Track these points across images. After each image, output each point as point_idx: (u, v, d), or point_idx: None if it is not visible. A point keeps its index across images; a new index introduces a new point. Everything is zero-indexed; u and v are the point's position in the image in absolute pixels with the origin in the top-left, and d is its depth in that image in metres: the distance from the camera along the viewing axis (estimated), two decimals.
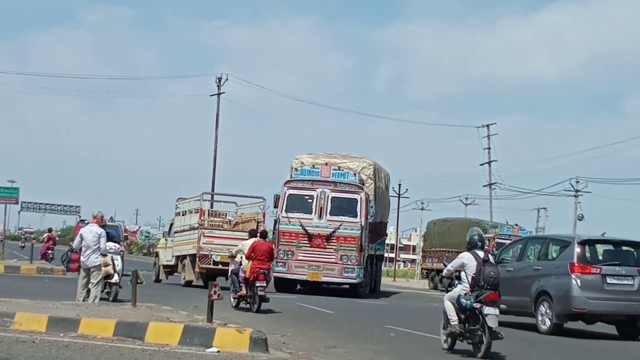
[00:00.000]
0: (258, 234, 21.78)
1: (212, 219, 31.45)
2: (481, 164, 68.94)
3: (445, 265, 14.82)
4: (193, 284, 30.55)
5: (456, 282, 14.42)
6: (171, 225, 34.23)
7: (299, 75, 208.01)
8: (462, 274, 14.18)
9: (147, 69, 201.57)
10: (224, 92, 59.90)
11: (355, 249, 28.65)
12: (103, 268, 18.39)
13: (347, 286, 29.85)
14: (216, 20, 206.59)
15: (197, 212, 30.75)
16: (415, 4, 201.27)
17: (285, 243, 28.84)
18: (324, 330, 17.05)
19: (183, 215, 32.37)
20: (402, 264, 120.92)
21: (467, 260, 14.15)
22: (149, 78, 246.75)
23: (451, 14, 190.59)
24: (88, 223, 19.92)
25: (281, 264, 28.63)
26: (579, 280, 18.73)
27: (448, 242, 48.33)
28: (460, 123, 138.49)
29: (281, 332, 15.48)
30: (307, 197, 29.06)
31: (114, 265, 19.81)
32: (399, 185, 77.44)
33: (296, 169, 30.15)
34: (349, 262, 28.60)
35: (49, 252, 41.53)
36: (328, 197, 28.83)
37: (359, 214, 28.76)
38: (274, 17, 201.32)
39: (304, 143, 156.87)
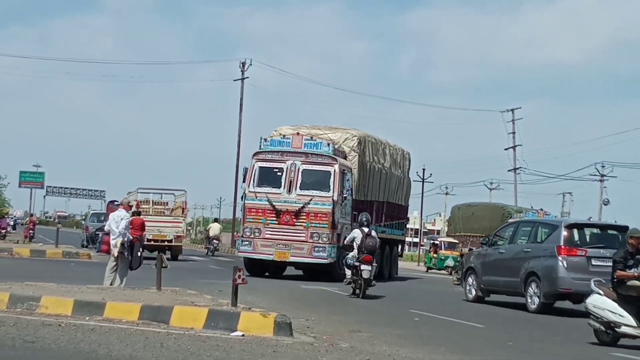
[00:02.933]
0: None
1: (156, 206, 38.96)
2: (506, 149, 68.60)
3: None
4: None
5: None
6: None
7: (323, 60, 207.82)
8: (354, 243, 21.41)
9: (171, 54, 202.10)
10: (247, 77, 60.01)
11: (326, 225, 26.06)
12: (113, 249, 18.48)
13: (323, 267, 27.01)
14: (239, 5, 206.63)
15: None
16: None
17: (251, 220, 26.57)
18: (347, 315, 17.07)
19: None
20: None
21: (357, 234, 21.55)
22: (173, 63, 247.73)
23: None
24: (117, 204, 20.15)
25: (247, 242, 26.58)
26: (565, 262, 19.88)
27: (472, 226, 48.22)
28: (484, 108, 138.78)
29: (305, 317, 15.50)
30: (277, 170, 26.66)
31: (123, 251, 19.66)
32: (423, 170, 77.31)
33: (265, 140, 27.41)
34: (319, 241, 26.03)
35: (31, 232, 46.44)
36: (299, 169, 26.39)
37: (331, 187, 26.19)
38: (297, 2, 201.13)
39: None
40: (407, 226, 38.64)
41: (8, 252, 31.86)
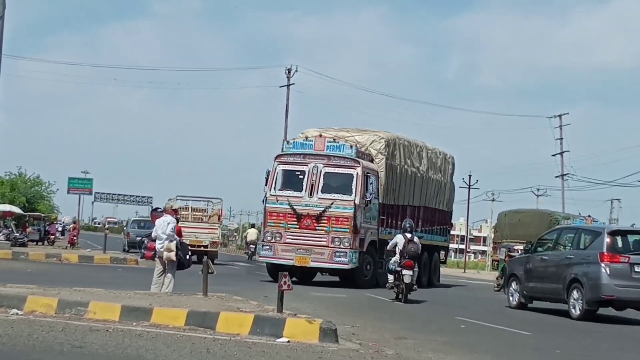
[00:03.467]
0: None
1: (194, 213, 40.65)
2: (553, 155, 68.04)
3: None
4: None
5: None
6: None
7: (369, 66, 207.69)
8: (396, 248, 21.98)
9: (217, 60, 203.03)
10: (293, 84, 60.14)
11: (348, 230, 25.28)
12: (165, 253, 18.48)
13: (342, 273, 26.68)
14: (285, 11, 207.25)
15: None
16: None
17: (272, 224, 25.93)
18: (393, 322, 17.03)
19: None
20: (473, 255, 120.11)
21: (399, 240, 22.17)
22: (219, 70, 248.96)
23: (522, 3, 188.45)
24: (160, 211, 20.26)
25: (267, 247, 25.97)
26: (608, 269, 19.80)
27: (519, 233, 47.80)
28: (531, 113, 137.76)
29: (350, 323, 15.49)
30: (299, 173, 26.11)
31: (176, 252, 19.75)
32: (469, 176, 76.88)
33: (288, 142, 27.15)
34: (340, 245, 25.30)
35: (74, 238, 46.15)
36: (321, 172, 25.75)
37: (353, 191, 25.50)
38: (343, 8, 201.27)
39: None
40: (452, 232, 38.13)
41: (57, 258, 32.23)
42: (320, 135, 26.58)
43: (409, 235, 22.36)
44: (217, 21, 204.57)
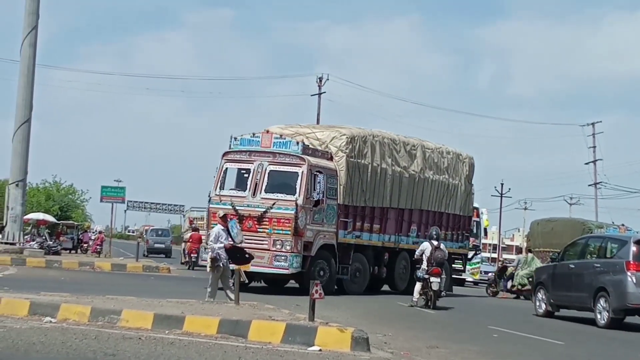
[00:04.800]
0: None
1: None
2: (586, 163, 67.66)
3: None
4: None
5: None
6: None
7: (400, 74, 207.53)
8: (423, 256, 22.34)
9: (248, 69, 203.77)
10: (324, 92, 60.10)
11: (289, 232, 23.36)
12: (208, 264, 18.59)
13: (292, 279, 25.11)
14: (316, 20, 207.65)
15: None
16: (517, 2, 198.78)
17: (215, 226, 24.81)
18: (425, 330, 16.98)
19: None
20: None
21: (426, 247, 22.53)
22: (250, 78, 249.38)
23: (554, 11, 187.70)
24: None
25: (210, 250, 25.40)
26: (634, 277, 19.74)
27: (552, 242, 47.49)
28: (564, 121, 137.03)
29: (382, 332, 15.46)
30: (244, 171, 24.52)
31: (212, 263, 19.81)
32: (502, 184, 76.69)
33: (235, 139, 25.04)
34: (282, 249, 23.42)
35: (98, 247, 46.72)
36: (265, 170, 24.06)
37: (297, 190, 23.71)
38: (374, 16, 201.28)
39: None
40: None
41: (90, 266, 32.42)
42: (267, 132, 25.12)
43: (435, 243, 22.81)
44: (248, 30, 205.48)
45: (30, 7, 36.19)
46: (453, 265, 31.68)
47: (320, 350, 12.26)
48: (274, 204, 23.51)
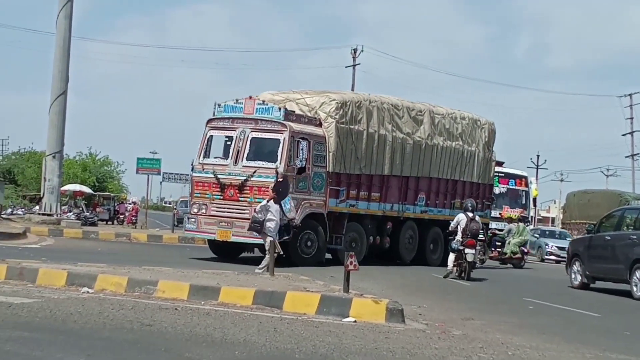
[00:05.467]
0: None
1: None
2: (623, 135, 67.17)
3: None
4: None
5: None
6: None
7: (436, 45, 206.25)
8: (458, 227, 22.60)
9: (283, 41, 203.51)
10: (359, 64, 59.93)
11: None
12: (268, 239, 18.62)
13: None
14: None
15: None
16: None
17: (198, 195, 23.73)
18: (460, 302, 16.97)
19: None
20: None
21: (461, 218, 22.78)
22: (285, 50, 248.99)
23: None
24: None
25: (192, 219, 23.80)
26: None
27: (589, 214, 47.30)
28: (601, 93, 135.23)
29: (417, 303, 15.45)
30: (227, 139, 23.99)
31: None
32: (537, 156, 76.22)
33: (219, 105, 24.30)
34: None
35: (133, 218, 47.76)
36: (247, 137, 23.34)
37: (278, 157, 22.86)
38: None
39: None
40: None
41: (126, 237, 32.67)
42: (250, 97, 24.02)
43: (470, 215, 22.98)
44: (283, 2, 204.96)
45: None
46: None
47: (355, 321, 12.28)
48: (254, 172, 22.79)
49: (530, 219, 40.91)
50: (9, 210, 44.27)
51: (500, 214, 36.13)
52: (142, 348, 9.37)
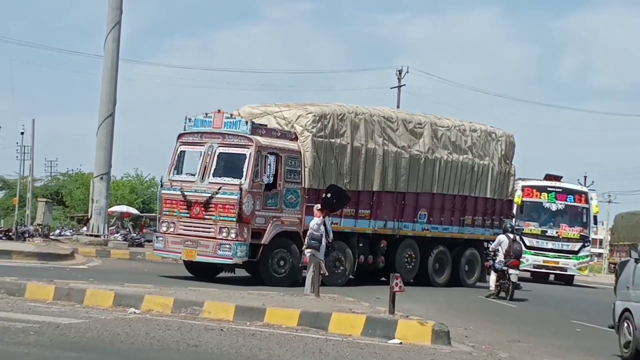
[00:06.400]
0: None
1: None
2: None
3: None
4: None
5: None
6: None
7: (480, 66, 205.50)
8: (499, 249, 23.14)
9: (328, 62, 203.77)
10: (404, 85, 59.83)
11: (234, 218, 21.54)
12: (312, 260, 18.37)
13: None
14: (397, 12, 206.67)
15: None
16: None
17: (167, 213, 22.79)
18: (506, 324, 16.85)
19: None
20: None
21: (503, 240, 23.33)
22: (330, 72, 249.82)
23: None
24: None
25: (160, 238, 22.95)
26: None
27: (637, 235, 46.76)
28: None
29: (463, 325, 15.38)
30: (196, 155, 22.93)
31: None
32: (584, 177, 75.49)
33: (189, 119, 23.47)
34: (227, 237, 21.58)
35: None
36: (215, 153, 22.41)
37: (244, 173, 21.84)
38: (454, 8, 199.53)
39: None
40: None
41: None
42: (219, 111, 23.02)
43: (511, 236, 23.68)
44: (328, 23, 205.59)
45: (114, 3, 36.77)
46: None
47: (400, 343, 12.24)
48: (219, 188, 21.83)
49: (590, 239, 37.75)
50: (57, 231, 44.70)
51: (557, 233, 35.15)
52: None
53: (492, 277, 23.47)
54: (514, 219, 30.94)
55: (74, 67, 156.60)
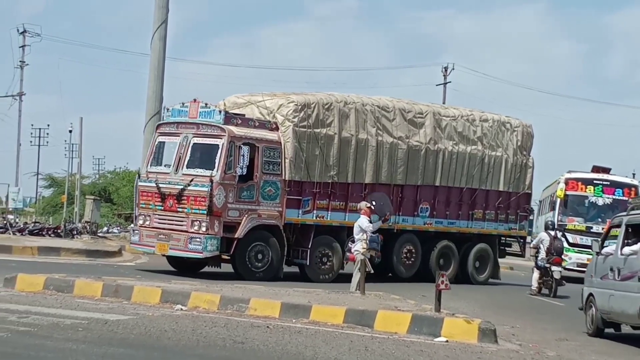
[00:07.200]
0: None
1: None
2: None
3: None
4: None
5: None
6: None
7: (527, 62, 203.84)
8: (541, 246, 23.19)
9: (373, 59, 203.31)
10: (450, 82, 59.85)
11: (205, 211, 20.90)
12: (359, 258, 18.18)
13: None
14: (442, 8, 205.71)
15: None
16: None
17: (143, 205, 22.24)
18: (554, 323, 16.73)
19: None
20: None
21: (544, 237, 23.34)
22: (375, 69, 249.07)
23: None
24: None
25: (136, 231, 22.55)
26: None
27: None
28: None
29: (509, 323, 15.29)
30: (172, 145, 22.32)
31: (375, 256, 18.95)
32: (633, 174, 74.60)
33: (168, 109, 23.13)
34: (198, 230, 20.94)
35: None
36: (189, 143, 21.83)
37: (216, 164, 21.18)
38: (500, 4, 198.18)
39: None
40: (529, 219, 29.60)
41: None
42: (195, 100, 22.33)
43: (552, 233, 23.58)
44: (373, 21, 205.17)
45: (160, 2, 36.92)
46: (508, 250, 28.19)
47: (447, 341, 12.21)
48: (191, 180, 21.21)
49: None
50: (105, 228, 45.06)
51: (603, 229, 33.71)
52: None
53: (535, 275, 23.51)
54: (532, 214, 29.91)
55: (121, 66, 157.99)
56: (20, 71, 57.75)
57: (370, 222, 18.81)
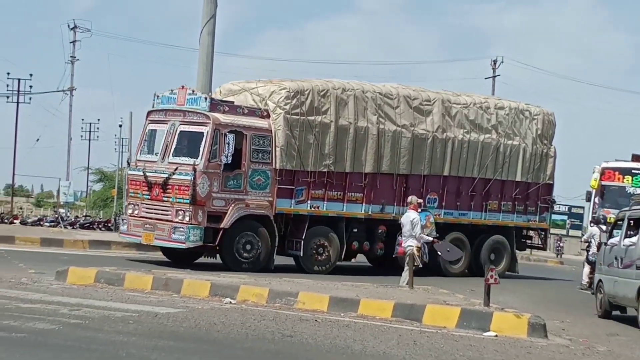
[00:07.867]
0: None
1: None
2: None
3: None
4: None
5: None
6: None
7: (578, 55, 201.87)
8: (592, 241, 22.77)
9: (421, 53, 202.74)
10: (499, 75, 59.44)
11: (189, 200, 20.41)
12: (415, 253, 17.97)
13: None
14: (491, 2, 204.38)
15: None
16: None
17: (132, 194, 22.00)
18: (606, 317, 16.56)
19: None
20: None
21: (595, 232, 22.59)
22: (423, 62, 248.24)
23: None
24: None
25: (125, 221, 22.39)
26: None
27: None
28: None
29: (559, 318, 15.18)
30: (161, 133, 21.92)
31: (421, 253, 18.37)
32: None
33: (157, 96, 22.51)
34: (182, 220, 20.49)
35: None
36: (176, 131, 21.37)
37: (200, 153, 20.69)
38: None
39: (581, 126, 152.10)
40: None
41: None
42: (183, 87, 21.95)
43: (603, 227, 22.14)
44: (421, 14, 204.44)
45: None
46: (528, 242, 27.34)
47: (496, 335, 12.15)
48: (176, 169, 20.75)
49: None
50: None
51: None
52: (283, 359, 9.51)
53: (586, 270, 23.27)
54: (554, 205, 29.06)
55: (170, 61, 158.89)
56: (71, 66, 58.35)
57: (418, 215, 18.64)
